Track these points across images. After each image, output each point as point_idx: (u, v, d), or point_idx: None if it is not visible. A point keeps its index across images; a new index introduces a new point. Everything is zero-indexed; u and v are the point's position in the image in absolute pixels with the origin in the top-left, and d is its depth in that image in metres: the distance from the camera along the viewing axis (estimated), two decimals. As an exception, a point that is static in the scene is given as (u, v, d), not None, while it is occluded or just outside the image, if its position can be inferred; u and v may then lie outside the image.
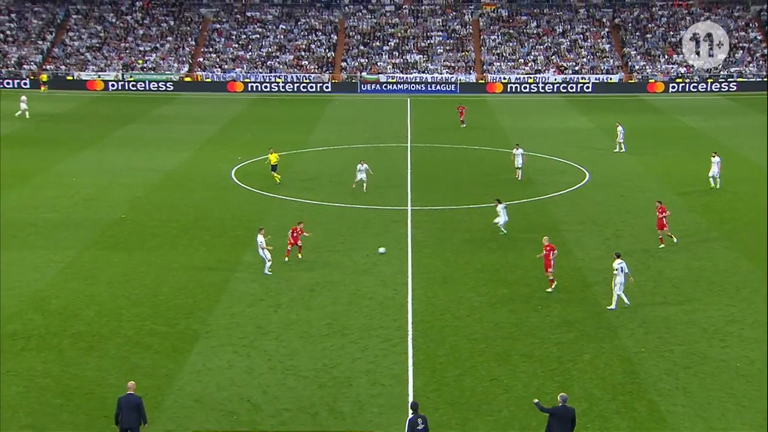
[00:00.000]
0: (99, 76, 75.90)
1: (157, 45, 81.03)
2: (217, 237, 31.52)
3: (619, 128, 47.69)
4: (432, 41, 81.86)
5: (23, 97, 59.96)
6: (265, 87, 75.84)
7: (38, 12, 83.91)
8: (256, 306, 24.78)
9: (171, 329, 23.07)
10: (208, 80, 77.27)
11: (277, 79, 76.43)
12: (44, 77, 73.25)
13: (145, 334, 22.74)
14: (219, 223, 33.36)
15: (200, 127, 56.16)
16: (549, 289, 25.57)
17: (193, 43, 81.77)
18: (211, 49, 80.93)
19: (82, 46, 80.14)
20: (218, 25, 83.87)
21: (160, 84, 75.63)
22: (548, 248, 25.55)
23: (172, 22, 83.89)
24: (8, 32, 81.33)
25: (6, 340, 22.12)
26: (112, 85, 74.95)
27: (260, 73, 77.58)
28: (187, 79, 77.18)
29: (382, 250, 29.20)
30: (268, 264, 27.25)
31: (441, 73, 77.54)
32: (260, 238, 27.34)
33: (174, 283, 26.47)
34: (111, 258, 28.93)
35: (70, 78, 75.97)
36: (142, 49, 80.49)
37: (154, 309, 24.43)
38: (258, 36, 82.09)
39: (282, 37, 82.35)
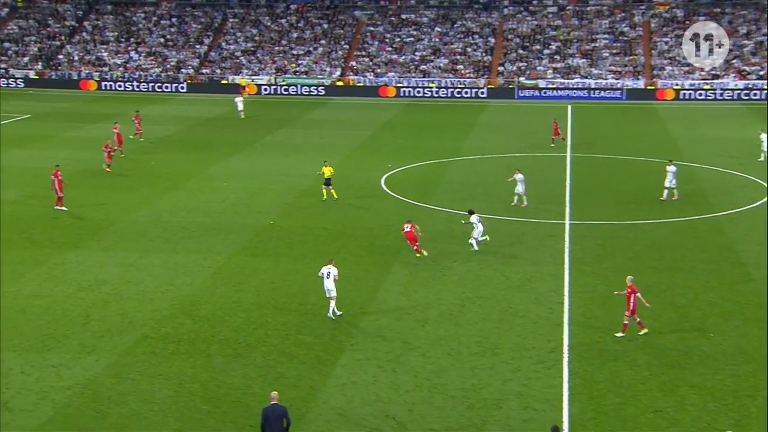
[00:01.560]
0: (252, 80, 79.36)
1: (310, 48, 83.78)
2: (365, 246, 32.09)
3: (762, 135, 45.71)
4: (597, 44, 79.89)
5: (239, 98, 65.04)
6: (418, 92, 76.62)
7: (197, 16, 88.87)
8: (403, 319, 25.01)
9: (317, 340, 23.68)
10: (360, 84, 79.01)
11: (431, 84, 77.08)
12: (243, 81, 75.37)
13: (291, 343, 23.47)
14: (367, 231, 33.94)
15: (350, 133, 57.48)
16: (641, 332, 23.54)
17: (346, 46, 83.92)
18: (363, 53, 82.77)
19: (237, 50, 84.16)
20: (372, 28, 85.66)
21: (311, 88, 78.12)
22: (630, 289, 23.27)
23: (325, 25, 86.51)
24: (168, 36, 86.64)
25: (158, 342, 23.47)
26: (265, 89, 78.16)
27: (413, 77, 78.53)
28: (339, 83, 79.28)
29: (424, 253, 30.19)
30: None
31: (606, 79, 75.51)
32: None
33: (320, 293, 27.13)
34: (258, 264, 30.10)
35: (225, 82, 79.89)
36: (295, 52, 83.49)
37: (301, 318, 25.17)
38: (412, 39, 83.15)
39: (437, 40, 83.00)
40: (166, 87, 79.68)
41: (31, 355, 22.49)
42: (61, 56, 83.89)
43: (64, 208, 36.48)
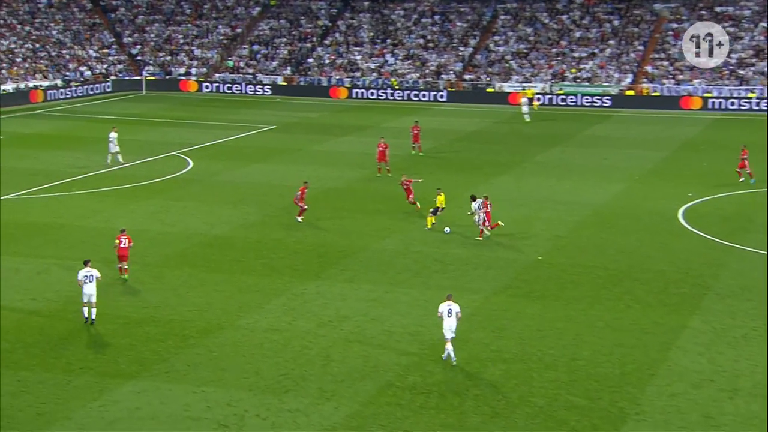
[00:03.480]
0: (523, 88, 79.81)
1: (596, 50, 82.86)
2: (655, 293, 31.06)
3: None
4: None
5: (524, 99, 68.16)
6: (732, 104, 73.17)
7: (464, 13, 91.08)
8: (704, 388, 23.87)
9: (592, 404, 23.17)
10: (656, 94, 76.86)
11: (750, 95, 73.23)
12: (530, 92, 76.75)
13: (560, 406, 23.13)
14: (658, 275, 32.85)
15: (641, 153, 56.00)
16: None
17: (641, 47, 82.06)
18: (662, 55, 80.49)
19: (507, 52, 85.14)
20: (675, 25, 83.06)
21: (594, 98, 77.20)
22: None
23: (616, 22, 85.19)
24: (429, 36, 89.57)
25: (404, 393, 24.07)
26: (537, 99, 78.37)
27: (726, 85, 75.07)
28: (629, 92, 77.69)
29: (447, 230, 37.21)
30: None
31: None
32: None
33: (597, 346, 26.56)
34: (523, 307, 30.02)
35: (491, 90, 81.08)
36: (576, 55, 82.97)
37: (572, 376, 24.76)
38: (729, 37, 79.52)
39: (762, 38, 78.78)
40: (424, 95, 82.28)
41: (268, 396, 23.91)
42: (311, 59, 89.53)
43: (300, 219, 39.38)
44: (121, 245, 32.26)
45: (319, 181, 47.24)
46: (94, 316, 28.36)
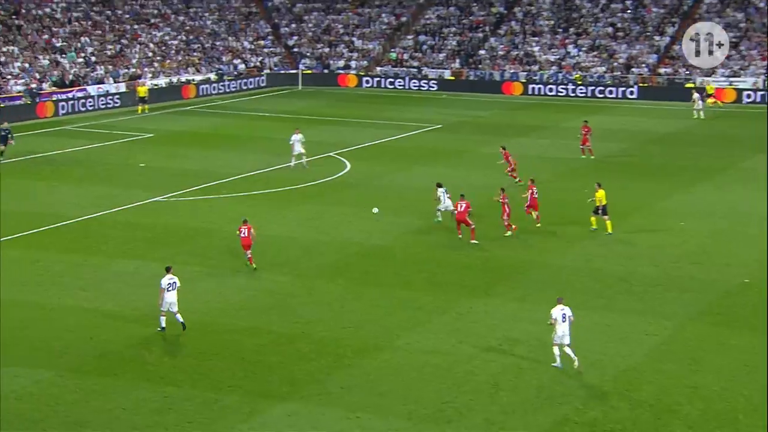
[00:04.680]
0: (730, 83, 77.19)
1: (814, 40, 79.46)
2: None
3: None
4: None
5: (696, 94, 69.04)
6: None
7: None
8: None
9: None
10: None
11: None
12: (710, 88, 74.25)
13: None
14: None
15: None
16: None
17: None
18: None
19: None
20: None
21: (815, 95, 74.00)
22: None
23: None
24: (619, 24, 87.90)
25: (583, 429, 23.60)
26: (747, 96, 75.70)
27: None
28: None
29: (375, 210, 40.86)
30: None
31: None
32: None
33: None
34: (725, 338, 29.06)
35: (691, 85, 78.79)
36: (792, 45, 79.79)
37: (781, 420, 23.75)
38: None
39: None
40: (611, 92, 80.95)
41: (429, 426, 23.91)
42: (482, 51, 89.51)
43: (510, 232, 39.42)
44: (242, 235, 35.03)
45: (488, 187, 46.99)
46: (182, 319, 29.38)
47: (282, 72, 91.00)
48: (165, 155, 57.31)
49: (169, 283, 29.41)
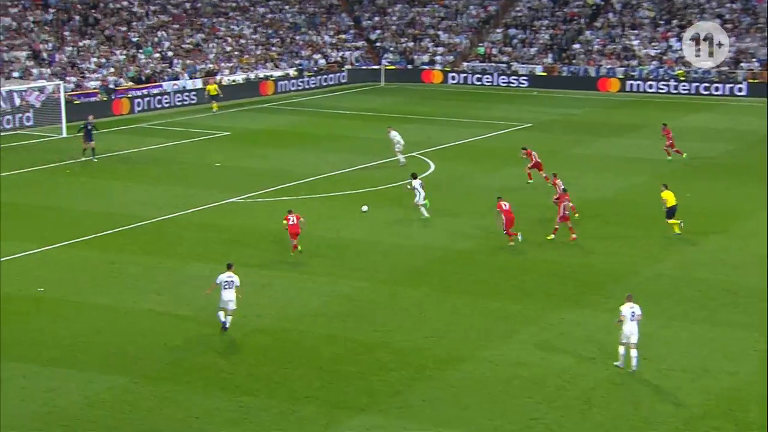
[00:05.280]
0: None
1: None
2: None
3: None
4: None
5: None
6: None
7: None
8: None
9: None
10: None
11: None
12: None
13: None
14: None
15: None
16: None
17: None
18: None
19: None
20: None
21: None
22: None
23: None
24: (727, 16, 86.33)
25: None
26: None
27: None
28: None
29: (364, 208, 42.59)
30: None
31: None
32: None
33: None
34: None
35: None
36: None
37: None
38: None
39: None
40: (717, 89, 79.84)
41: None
42: (577, 45, 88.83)
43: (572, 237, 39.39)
44: (290, 223, 37.22)
45: (581, 190, 46.77)
46: (228, 325, 29.98)
47: (363, 67, 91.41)
48: (242, 154, 58.02)
49: (226, 281, 29.99)
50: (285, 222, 37.40)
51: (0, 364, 27.73)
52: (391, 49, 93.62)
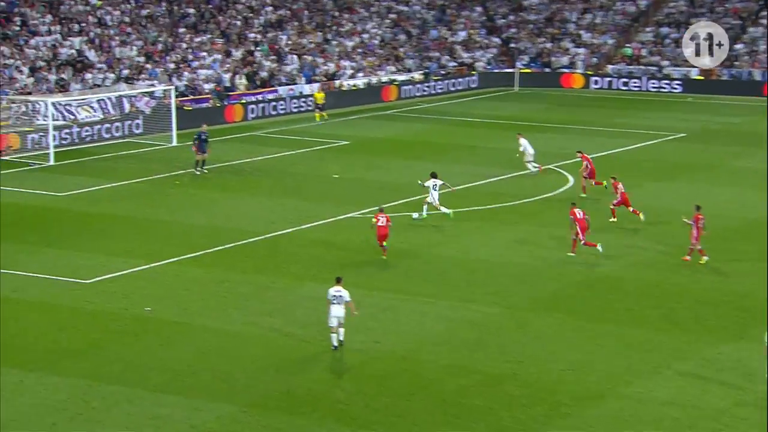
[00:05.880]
0: None
1: None
2: None
3: None
4: None
5: None
6: None
7: None
8: None
9: None
10: None
11: None
12: None
13: None
14: None
15: None
16: None
17: None
18: None
19: None
20: None
21: None
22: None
23: None
24: None
25: None
26: None
27: None
28: None
29: (415, 216, 44.57)
30: None
31: None
32: None
33: None
34: None
35: None
36: None
37: None
38: None
39: None
40: None
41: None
42: (740, 45, 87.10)
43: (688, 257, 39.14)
44: (379, 224, 38.67)
45: (742, 208, 45.94)
46: (342, 337, 30.63)
47: (496, 71, 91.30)
48: (361, 165, 58.50)
49: (334, 295, 30.49)
50: (374, 221, 38.27)
51: (105, 388, 28.44)
52: (527, 50, 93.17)
